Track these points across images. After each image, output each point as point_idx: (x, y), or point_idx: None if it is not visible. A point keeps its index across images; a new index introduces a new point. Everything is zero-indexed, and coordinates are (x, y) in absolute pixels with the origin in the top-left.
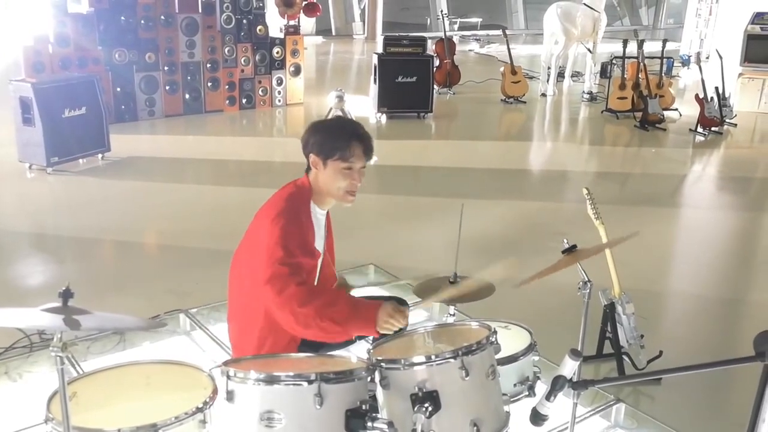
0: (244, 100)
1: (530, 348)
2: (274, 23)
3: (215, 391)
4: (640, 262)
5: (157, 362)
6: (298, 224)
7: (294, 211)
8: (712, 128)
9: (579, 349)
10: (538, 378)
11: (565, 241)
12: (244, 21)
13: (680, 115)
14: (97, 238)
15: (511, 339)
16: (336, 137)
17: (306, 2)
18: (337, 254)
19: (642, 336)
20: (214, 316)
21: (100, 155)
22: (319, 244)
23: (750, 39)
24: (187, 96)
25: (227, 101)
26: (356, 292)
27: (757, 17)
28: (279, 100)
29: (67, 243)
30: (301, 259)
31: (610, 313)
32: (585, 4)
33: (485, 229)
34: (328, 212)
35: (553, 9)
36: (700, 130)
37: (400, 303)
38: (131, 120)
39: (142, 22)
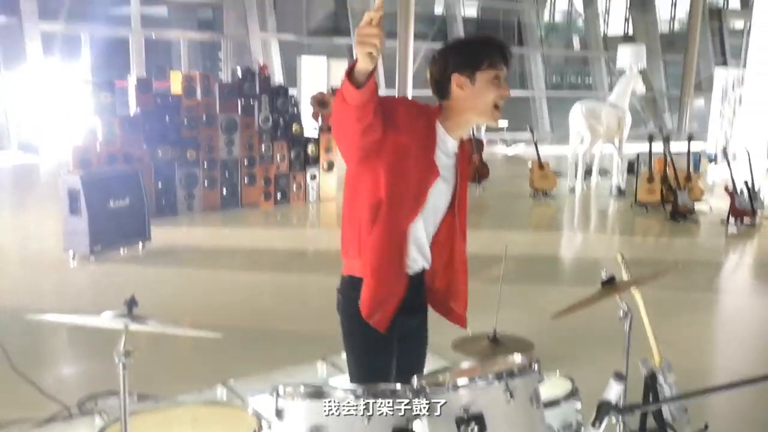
0: (279, 195)
1: (572, 393)
2: (309, 123)
3: (260, 428)
4: (681, 343)
5: (202, 404)
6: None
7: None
8: (744, 219)
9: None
10: (581, 425)
11: (603, 272)
12: (281, 120)
13: (711, 209)
14: None
15: (552, 386)
16: (478, 46)
17: None
18: None
19: (686, 409)
20: (251, 388)
21: (140, 244)
22: (442, 164)
23: None
24: (224, 191)
25: (263, 196)
26: None
27: None
28: (312, 196)
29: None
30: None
31: (651, 385)
32: (609, 102)
33: (516, 314)
34: (464, 147)
35: (578, 107)
36: (732, 221)
37: None
38: (170, 214)
39: (185, 121)
